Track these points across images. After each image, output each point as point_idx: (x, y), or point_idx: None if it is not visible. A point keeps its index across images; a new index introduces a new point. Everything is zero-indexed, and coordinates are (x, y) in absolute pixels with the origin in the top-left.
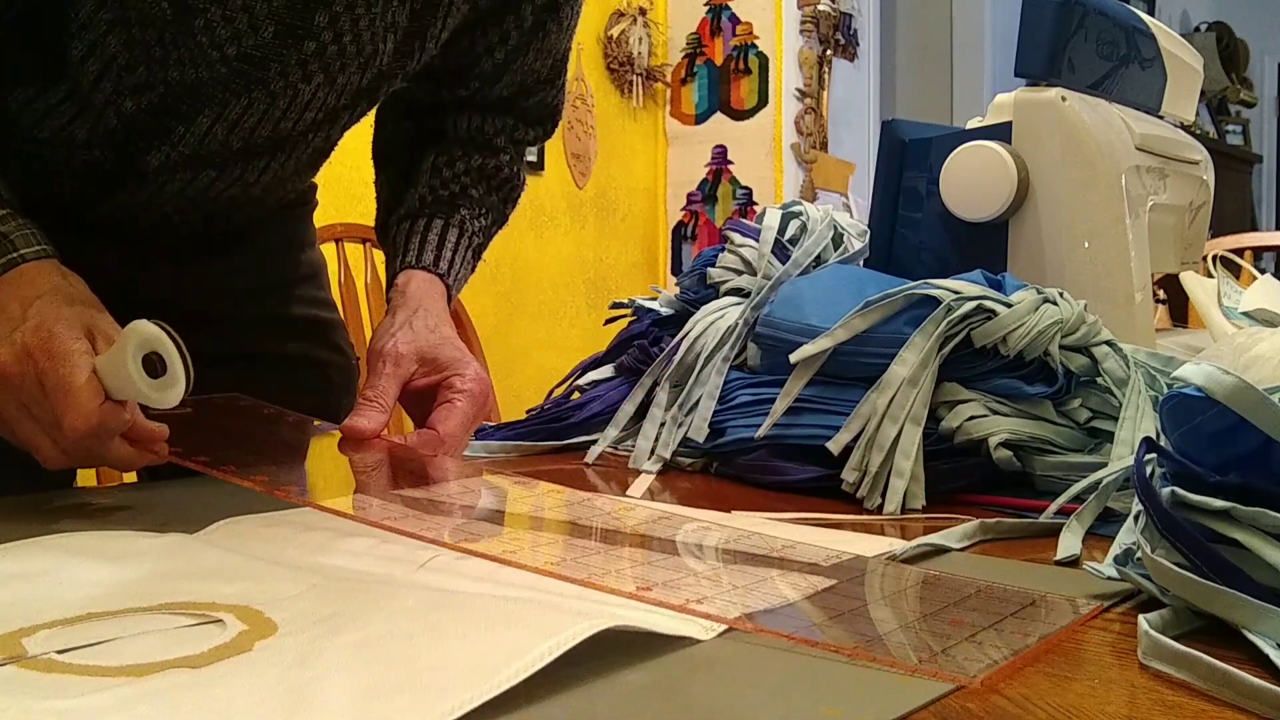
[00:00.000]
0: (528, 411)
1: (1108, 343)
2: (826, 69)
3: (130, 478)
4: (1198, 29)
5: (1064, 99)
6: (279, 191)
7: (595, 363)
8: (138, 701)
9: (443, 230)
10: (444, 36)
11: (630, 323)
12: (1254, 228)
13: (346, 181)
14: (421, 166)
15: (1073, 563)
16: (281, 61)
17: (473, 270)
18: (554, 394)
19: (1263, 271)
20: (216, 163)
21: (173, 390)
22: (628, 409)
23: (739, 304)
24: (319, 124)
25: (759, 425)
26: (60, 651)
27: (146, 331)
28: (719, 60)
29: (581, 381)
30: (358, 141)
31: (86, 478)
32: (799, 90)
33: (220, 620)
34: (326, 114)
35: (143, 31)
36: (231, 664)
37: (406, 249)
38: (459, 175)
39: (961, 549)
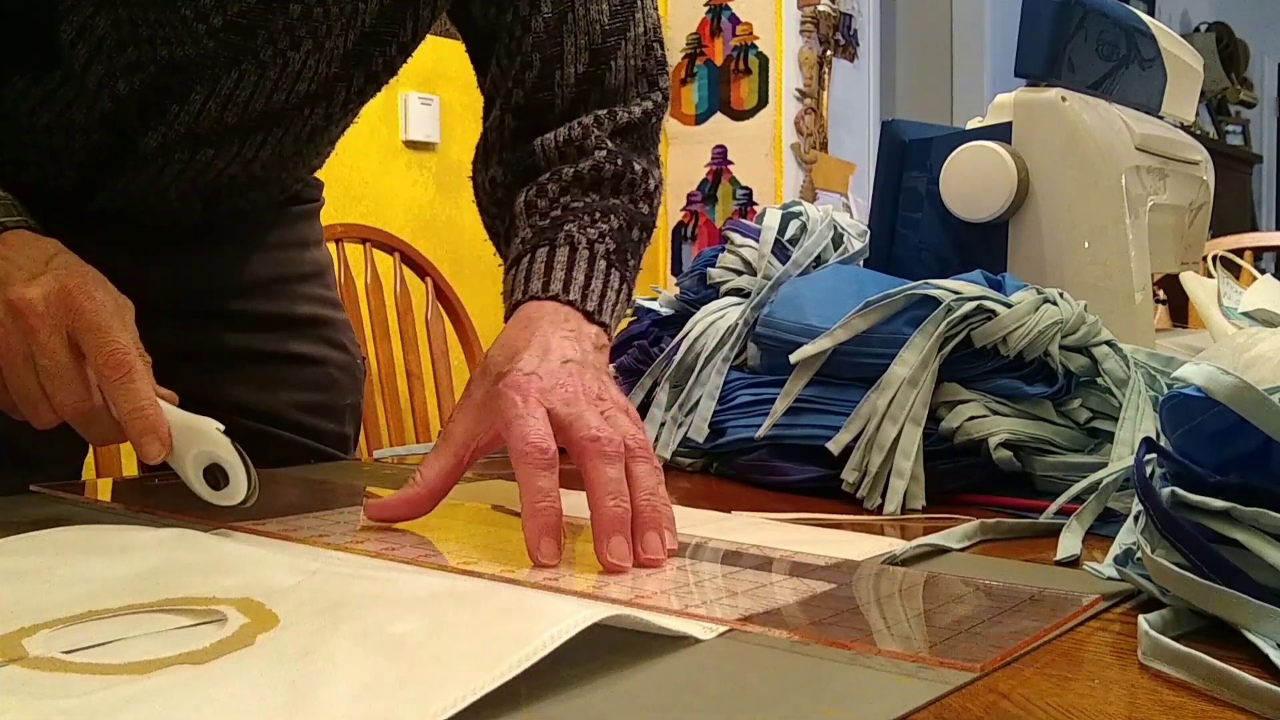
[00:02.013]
0: None
1: (1108, 343)
2: (826, 69)
3: (131, 471)
4: (1198, 29)
5: (1064, 99)
6: (281, 172)
7: None
8: (141, 700)
9: (549, 256)
10: (440, 2)
11: (630, 323)
12: (1254, 228)
13: (346, 181)
14: (516, 212)
15: (1073, 563)
16: (268, 28)
17: (623, 282)
18: None
19: (1263, 271)
20: (213, 140)
21: (231, 497)
22: None
23: (739, 304)
24: (314, 96)
25: (759, 425)
26: (63, 652)
27: (213, 441)
28: (719, 60)
29: None
30: (358, 141)
31: (86, 472)
32: (799, 90)
33: (222, 618)
34: (320, 84)
35: (129, 10)
36: (233, 659)
37: (511, 294)
38: (555, 198)
39: (961, 549)
